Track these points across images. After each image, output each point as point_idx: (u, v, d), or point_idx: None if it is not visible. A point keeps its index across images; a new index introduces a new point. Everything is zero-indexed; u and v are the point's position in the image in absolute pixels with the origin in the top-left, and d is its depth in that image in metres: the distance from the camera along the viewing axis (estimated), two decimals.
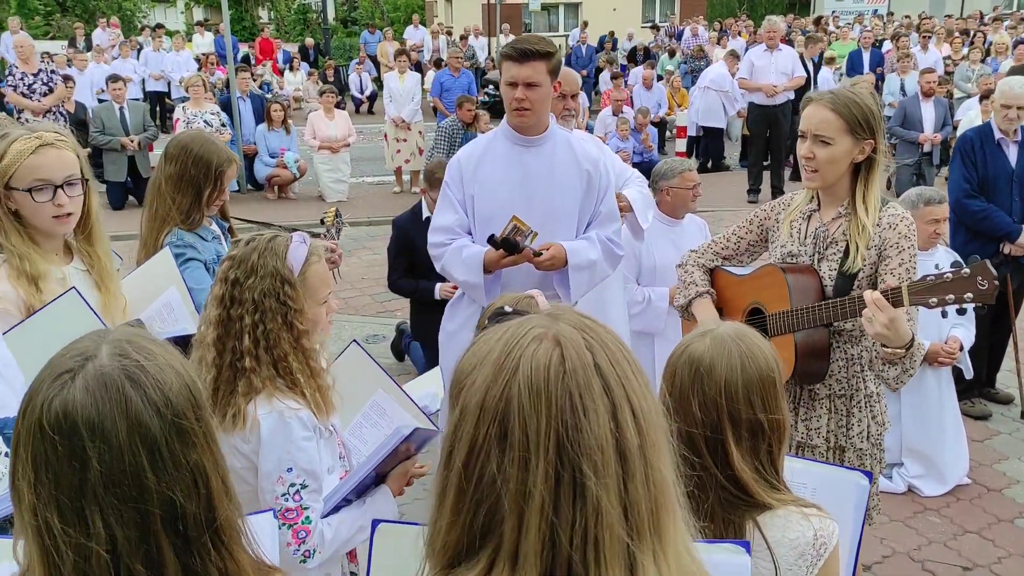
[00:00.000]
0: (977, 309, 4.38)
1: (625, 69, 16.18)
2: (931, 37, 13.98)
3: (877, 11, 26.09)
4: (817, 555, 1.59)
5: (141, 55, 16.43)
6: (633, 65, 17.04)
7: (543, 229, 3.16)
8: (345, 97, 16.51)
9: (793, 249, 2.62)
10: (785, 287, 2.52)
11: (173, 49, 16.33)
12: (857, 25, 20.07)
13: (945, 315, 4.26)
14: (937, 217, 4.18)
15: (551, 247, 3.16)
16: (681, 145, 12.58)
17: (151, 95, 15.79)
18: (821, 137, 2.45)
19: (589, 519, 0.92)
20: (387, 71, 14.76)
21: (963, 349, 4.34)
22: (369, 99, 18.95)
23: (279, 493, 1.97)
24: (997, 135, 4.84)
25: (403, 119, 11.11)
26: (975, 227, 4.90)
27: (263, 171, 10.84)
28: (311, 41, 23.45)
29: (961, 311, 4.28)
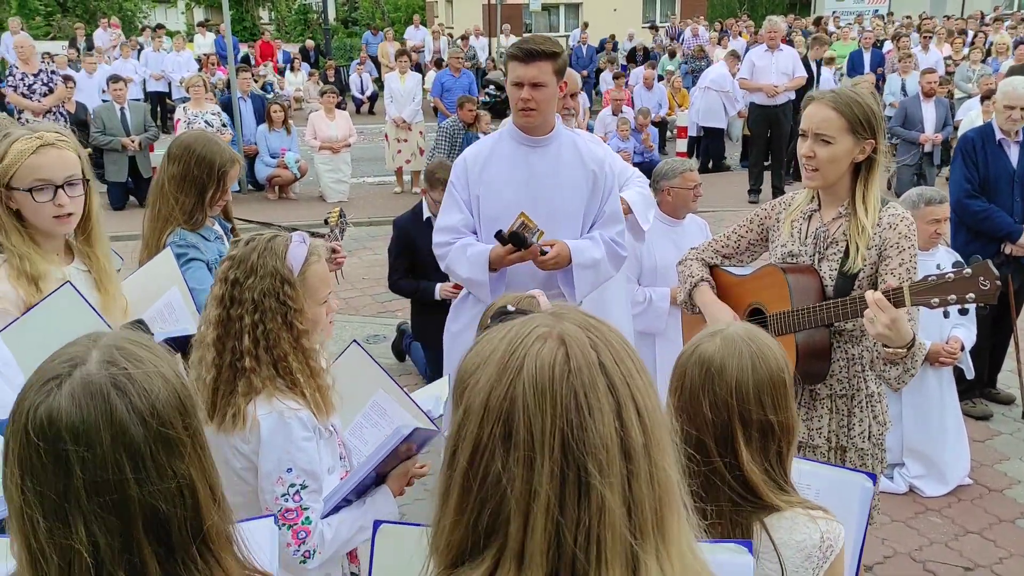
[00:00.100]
0: (979, 309, 4.37)
1: (625, 69, 16.16)
2: (932, 37, 13.99)
3: (878, 11, 26.08)
4: (823, 557, 1.59)
5: (141, 55, 16.42)
6: (633, 66, 17.04)
7: (548, 229, 3.16)
8: (346, 97, 16.50)
9: (794, 249, 2.62)
10: (786, 287, 2.52)
11: (174, 50, 16.33)
12: (856, 25, 20.06)
13: (947, 315, 4.25)
14: (938, 217, 4.17)
15: (555, 245, 3.16)
16: (682, 145, 12.59)
17: (152, 95, 15.79)
18: (822, 136, 2.44)
19: (593, 518, 0.92)
20: (388, 71, 14.76)
21: (964, 349, 4.33)
22: (370, 99, 18.96)
23: (279, 493, 1.97)
24: (998, 135, 4.84)
25: (404, 119, 11.10)
26: (976, 227, 4.90)
27: (264, 171, 10.84)
28: (311, 43, 23.47)
29: (963, 311, 4.28)
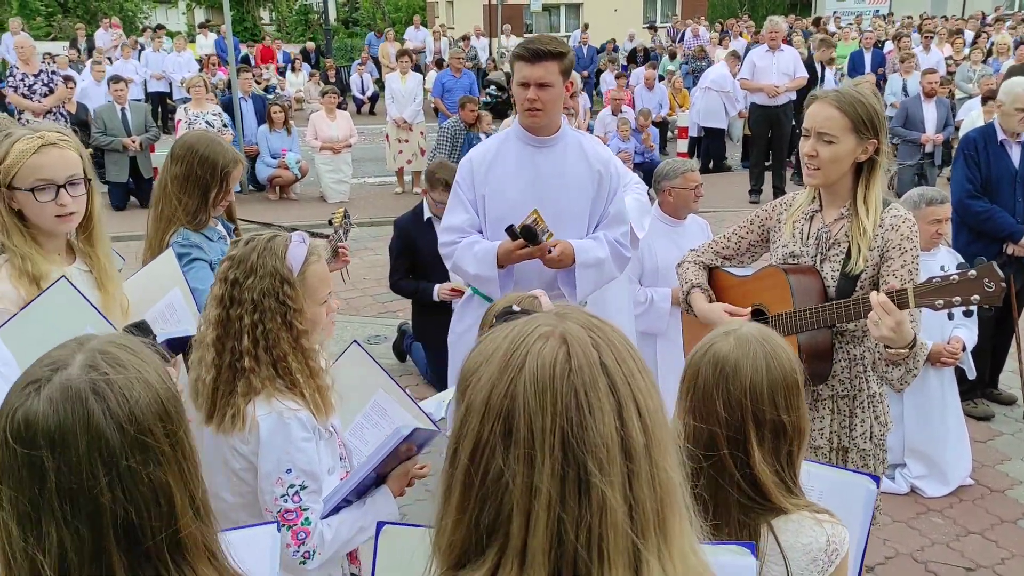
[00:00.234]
0: (984, 311, 4.36)
1: (626, 69, 16.15)
2: (933, 37, 13.97)
3: (879, 11, 26.07)
4: (829, 561, 1.58)
5: (142, 56, 16.39)
6: (634, 66, 17.03)
7: (553, 229, 3.16)
8: (346, 98, 16.51)
9: (796, 250, 2.61)
10: (788, 288, 2.51)
11: (174, 50, 16.31)
12: (855, 26, 20.04)
13: (951, 316, 4.24)
14: (939, 217, 4.16)
15: (559, 243, 3.16)
16: (683, 146, 12.58)
17: (153, 96, 15.78)
18: (825, 135, 2.44)
19: (594, 517, 0.92)
20: (388, 72, 14.75)
21: (966, 349, 4.32)
22: (370, 100, 18.97)
23: (278, 494, 1.97)
24: (1000, 136, 4.83)
25: (405, 120, 11.10)
26: (978, 228, 4.89)
27: (265, 172, 10.83)
28: (312, 45, 23.48)
29: (968, 313, 4.26)
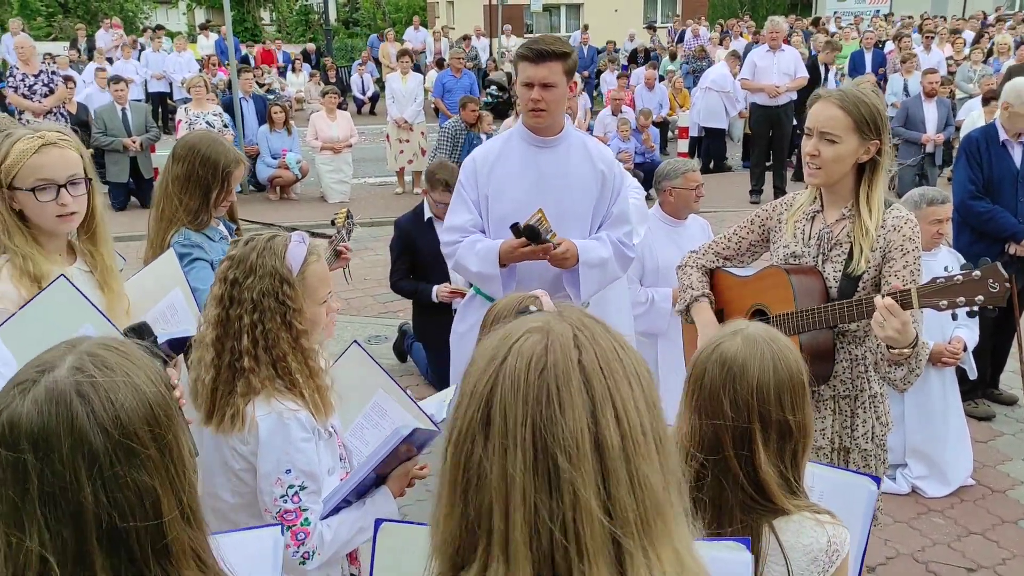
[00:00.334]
0: (987, 312, 4.35)
1: (626, 69, 16.14)
2: (934, 37, 13.96)
3: (879, 11, 26.06)
4: (829, 561, 1.59)
5: (142, 56, 16.38)
6: (635, 66, 17.03)
7: (557, 229, 3.16)
8: (347, 98, 16.51)
9: (797, 250, 2.60)
10: (789, 289, 2.50)
11: (174, 50, 16.30)
12: (855, 26, 20.03)
13: (955, 317, 4.24)
14: (940, 217, 4.16)
15: (563, 242, 3.16)
16: (683, 146, 12.57)
17: (153, 96, 15.77)
18: (828, 135, 2.43)
19: (568, 511, 0.94)
20: (389, 72, 14.74)
21: (967, 349, 4.32)
22: (371, 100, 18.96)
23: (278, 495, 1.96)
24: (1002, 136, 4.83)
25: (405, 120, 11.10)
26: (980, 228, 4.89)
27: (265, 172, 10.83)
28: (312, 46, 23.47)
29: (971, 314, 4.26)
